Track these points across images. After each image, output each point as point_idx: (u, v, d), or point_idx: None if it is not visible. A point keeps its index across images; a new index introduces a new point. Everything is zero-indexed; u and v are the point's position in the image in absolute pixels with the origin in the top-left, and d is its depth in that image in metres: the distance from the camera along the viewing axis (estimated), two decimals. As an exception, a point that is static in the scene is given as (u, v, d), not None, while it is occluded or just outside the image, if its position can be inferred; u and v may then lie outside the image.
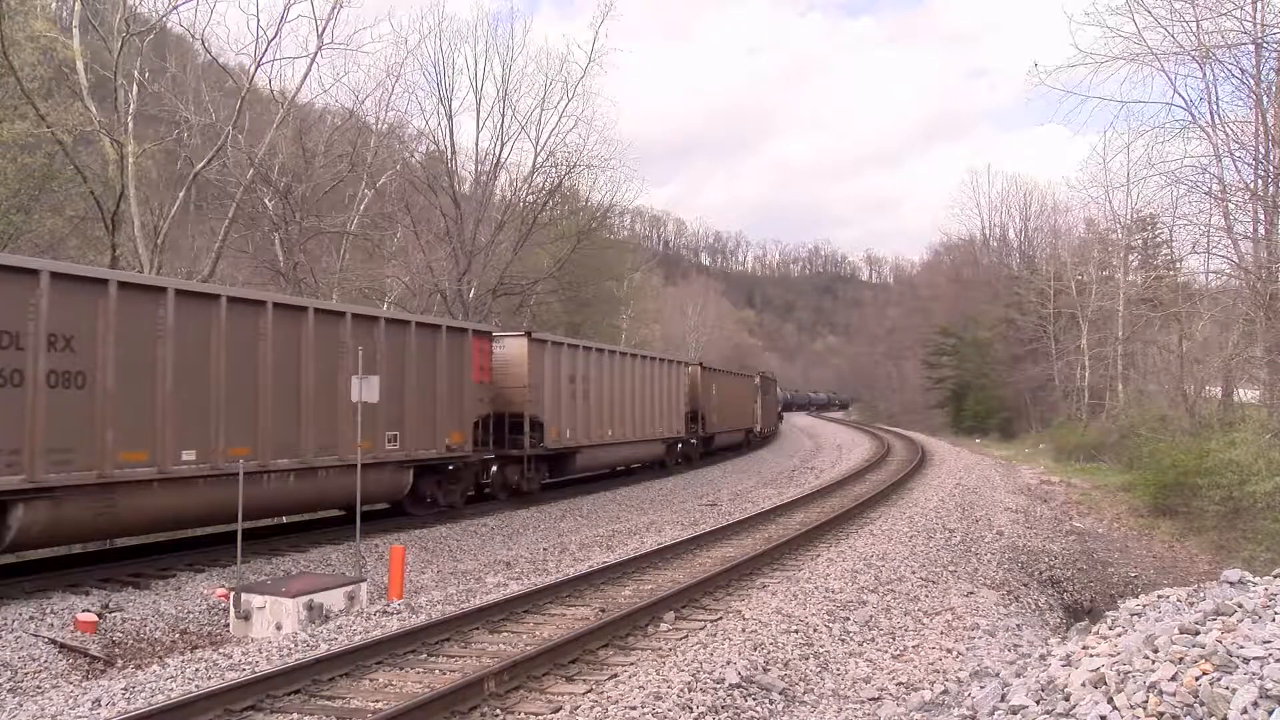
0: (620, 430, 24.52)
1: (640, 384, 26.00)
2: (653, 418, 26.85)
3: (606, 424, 23.54)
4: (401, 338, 15.87)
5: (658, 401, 27.25)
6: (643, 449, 26.71)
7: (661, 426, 27.62)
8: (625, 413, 24.80)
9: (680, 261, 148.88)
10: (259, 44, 24.21)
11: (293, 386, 13.56)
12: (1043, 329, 43.21)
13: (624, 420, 24.73)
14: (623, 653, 8.55)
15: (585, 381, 22.39)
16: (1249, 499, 16.67)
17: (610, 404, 23.85)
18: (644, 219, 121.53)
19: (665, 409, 27.95)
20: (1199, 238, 25.83)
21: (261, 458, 12.89)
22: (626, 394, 24.93)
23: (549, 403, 20.50)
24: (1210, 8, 20.36)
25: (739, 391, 39.79)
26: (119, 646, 9.53)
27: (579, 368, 22.15)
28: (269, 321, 13.16)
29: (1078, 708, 4.70)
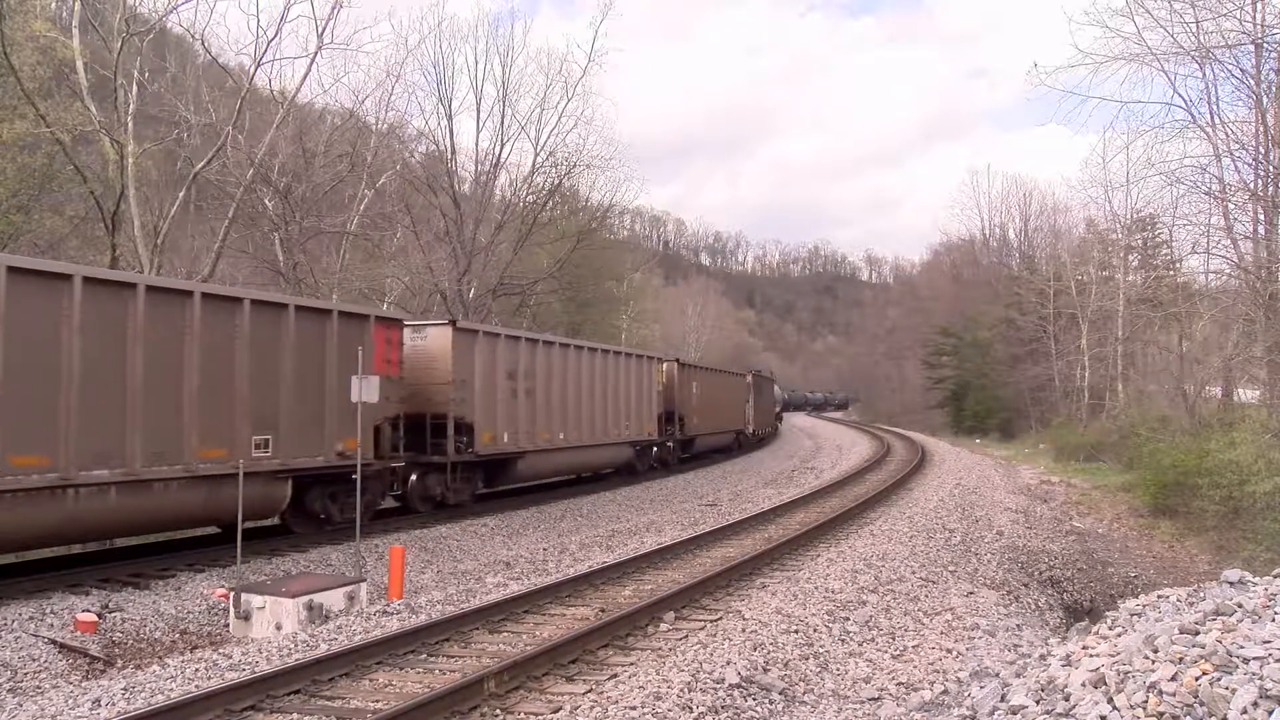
0: (575, 433, 22.04)
1: (601, 382, 23.57)
2: (617, 419, 24.37)
3: (558, 426, 21.12)
4: (276, 324, 13.46)
5: (623, 401, 24.81)
6: (605, 453, 24.33)
7: (629, 428, 25.15)
8: (581, 414, 22.35)
9: (680, 261, 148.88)
10: (259, 44, 24.24)
11: (115, 381, 11.09)
12: (1043, 329, 43.21)
13: (580, 422, 22.23)
14: (623, 653, 8.55)
15: (529, 378, 19.95)
16: (1249, 499, 16.67)
17: (562, 404, 21.40)
18: (644, 219, 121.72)
19: (633, 409, 25.44)
20: (1199, 238, 25.85)
21: (64, 468, 10.47)
22: (583, 393, 22.47)
23: (481, 402, 18.17)
24: (1210, 8, 20.36)
25: (727, 391, 37.70)
26: (119, 646, 9.53)
27: (521, 362, 19.68)
28: (75, 301, 10.62)
29: (1078, 708, 4.70)
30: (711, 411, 33.77)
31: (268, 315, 13.39)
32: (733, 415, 38.26)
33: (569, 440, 21.74)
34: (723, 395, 36.30)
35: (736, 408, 39.13)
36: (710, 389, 33.89)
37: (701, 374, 33.38)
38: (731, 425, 37.91)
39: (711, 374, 35.59)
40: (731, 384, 39.04)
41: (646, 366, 27.01)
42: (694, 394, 31.53)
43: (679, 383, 29.89)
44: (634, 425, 25.62)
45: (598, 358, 23.71)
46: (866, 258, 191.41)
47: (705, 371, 34.48)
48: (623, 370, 25.05)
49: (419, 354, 17.29)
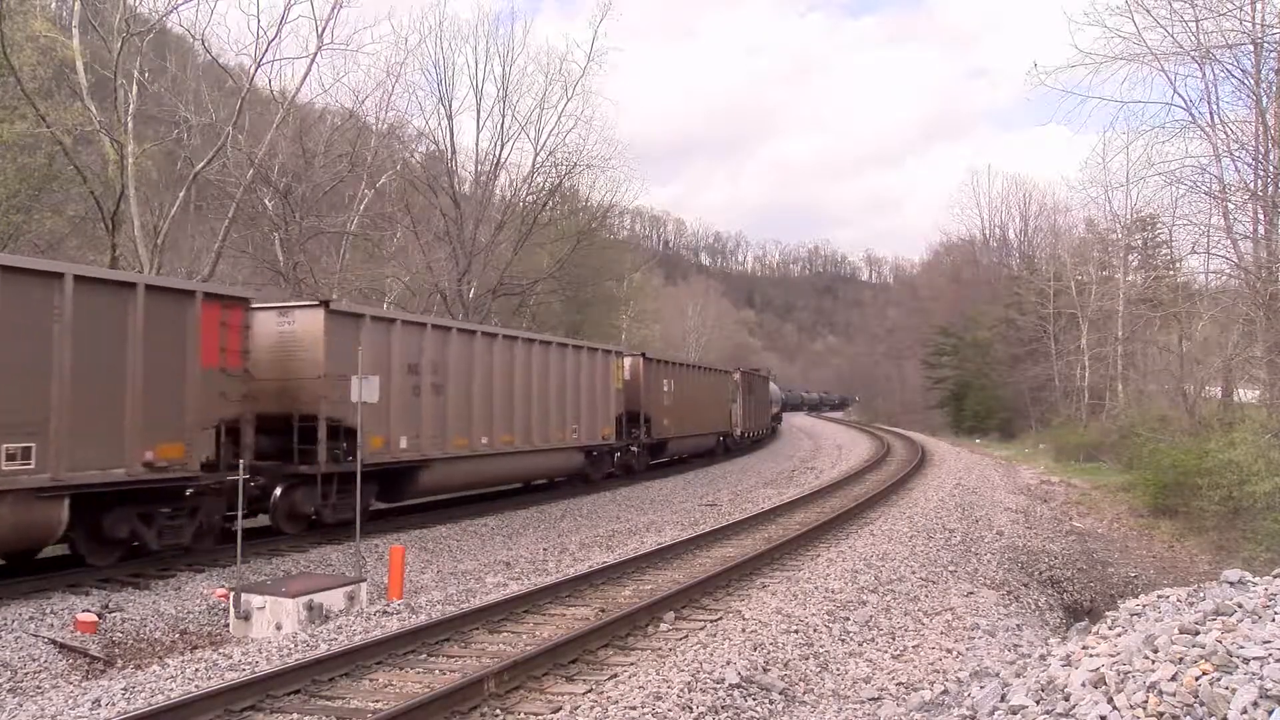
0: (507, 438, 18.94)
1: (541, 378, 20.53)
2: (562, 421, 21.31)
3: (480, 430, 17.99)
4: (45, 299, 10.44)
5: (572, 401, 21.83)
6: (547, 460, 21.27)
7: (578, 431, 22.12)
8: (515, 415, 19.25)
9: (680, 261, 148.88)
10: (259, 44, 24.26)
11: None
12: (1043, 329, 43.21)
13: (512, 425, 19.13)
14: (623, 653, 8.55)
15: (439, 373, 16.89)
16: (1249, 499, 16.67)
17: (486, 404, 18.27)
18: (644, 219, 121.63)
19: (584, 410, 22.48)
20: (1199, 238, 25.85)
21: None
22: (516, 391, 19.38)
23: None
24: (1210, 8, 20.36)
25: (709, 389, 34.68)
26: (119, 646, 9.53)
27: (428, 354, 16.66)
28: None
29: (1078, 708, 4.70)
30: (688, 412, 30.86)
31: (30, 287, 10.31)
32: (715, 416, 35.32)
33: (496, 446, 18.61)
34: (703, 394, 33.34)
35: (719, 408, 36.18)
36: (687, 387, 31.09)
37: (675, 370, 30.34)
38: (713, 427, 34.98)
39: (688, 370, 32.38)
40: (714, 382, 36.08)
41: (602, 362, 23.82)
42: (665, 393, 28.78)
43: (645, 380, 27.02)
44: (586, 428, 22.50)
45: (536, 350, 20.57)
46: (866, 258, 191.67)
47: (679, 368, 31.25)
48: (570, 365, 22.00)
49: (286, 342, 14.56)
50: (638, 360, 27.10)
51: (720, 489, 25.76)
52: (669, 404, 28.92)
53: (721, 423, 36.19)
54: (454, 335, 17.62)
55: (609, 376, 24.13)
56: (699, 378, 33.30)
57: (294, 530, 14.68)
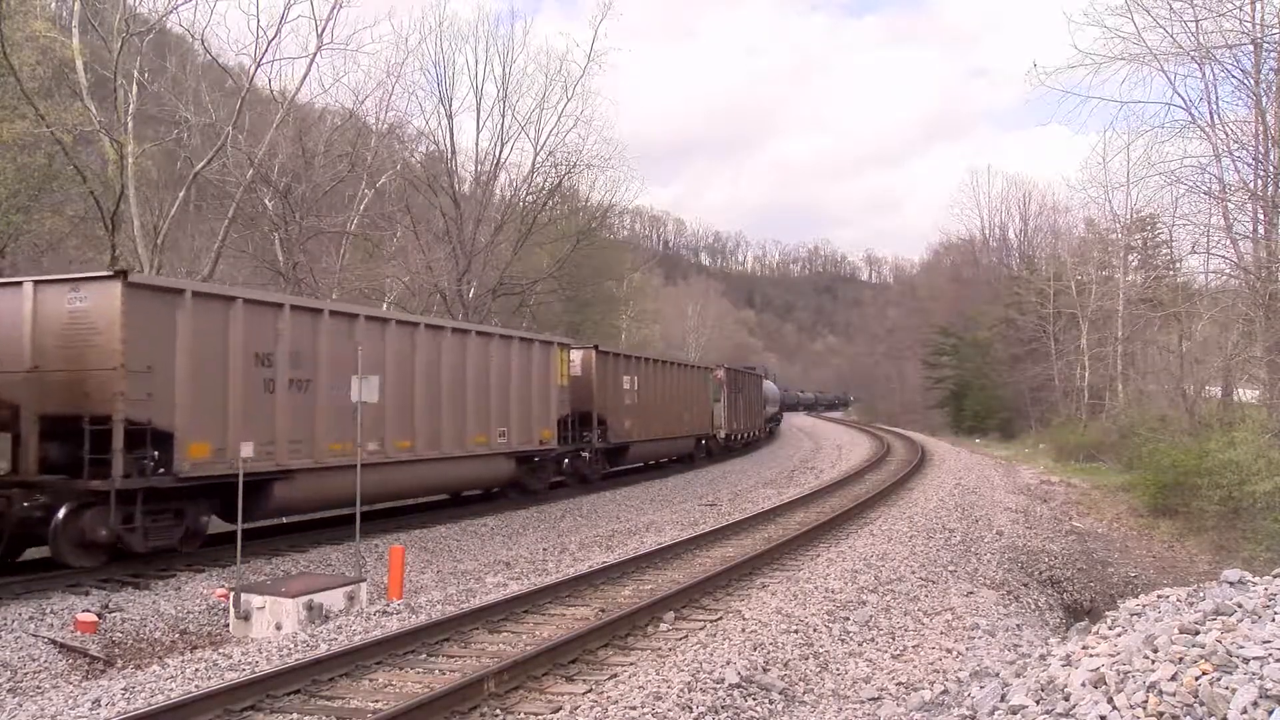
0: (401, 444, 15.90)
1: (454, 372, 17.29)
2: (485, 423, 18.12)
3: (366, 434, 14.20)
4: None
5: (498, 399, 18.61)
6: (461, 469, 17.81)
7: (509, 435, 18.89)
8: (415, 416, 16.24)
9: (680, 261, 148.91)
10: (259, 44, 24.28)
11: None
12: (1042, 329, 43.22)
13: (412, 428, 16.17)
14: (623, 653, 8.55)
15: (302, 365, 13.77)
16: (1249, 499, 16.68)
17: (376, 403, 13.91)
18: (644, 219, 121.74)
19: (516, 410, 19.16)
20: (1199, 238, 25.88)
21: None
22: (419, 388, 16.31)
23: (189, 399, 12.23)
24: (1210, 8, 20.38)
25: (685, 388, 31.49)
26: (119, 646, 9.53)
27: (285, 341, 13.53)
28: None
29: (1077, 708, 4.70)
30: (657, 412, 27.90)
31: None
32: (694, 417, 32.28)
33: (390, 454, 15.59)
34: (676, 393, 30.17)
35: (698, 409, 33.01)
36: (656, 385, 28.13)
37: (640, 366, 27.16)
38: (690, 429, 31.83)
39: (657, 367, 28.97)
40: (691, 380, 32.66)
41: (542, 355, 20.58)
42: (627, 391, 25.80)
43: (600, 376, 23.88)
44: (518, 431, 19.12)
45: (449, 340, 17.29)
46: (866, 258, 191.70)
47: (646, 364, 28.01)
48: (498, 358, 18.69)
49: (78, 324, 11.70)
50: (589, 354, 23.98)
51: (720, 489, 25.76)
52: (632, 403, 25.99)
53: (701, 424, 33.23)
54: (326, 320, 14.41)
55: (550, 372, 20.86)
56: (671, 375, 30.21)
57: (90, 563, 11.64)
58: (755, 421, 43.63)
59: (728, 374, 37.41)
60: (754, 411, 43.20)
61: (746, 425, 40.99)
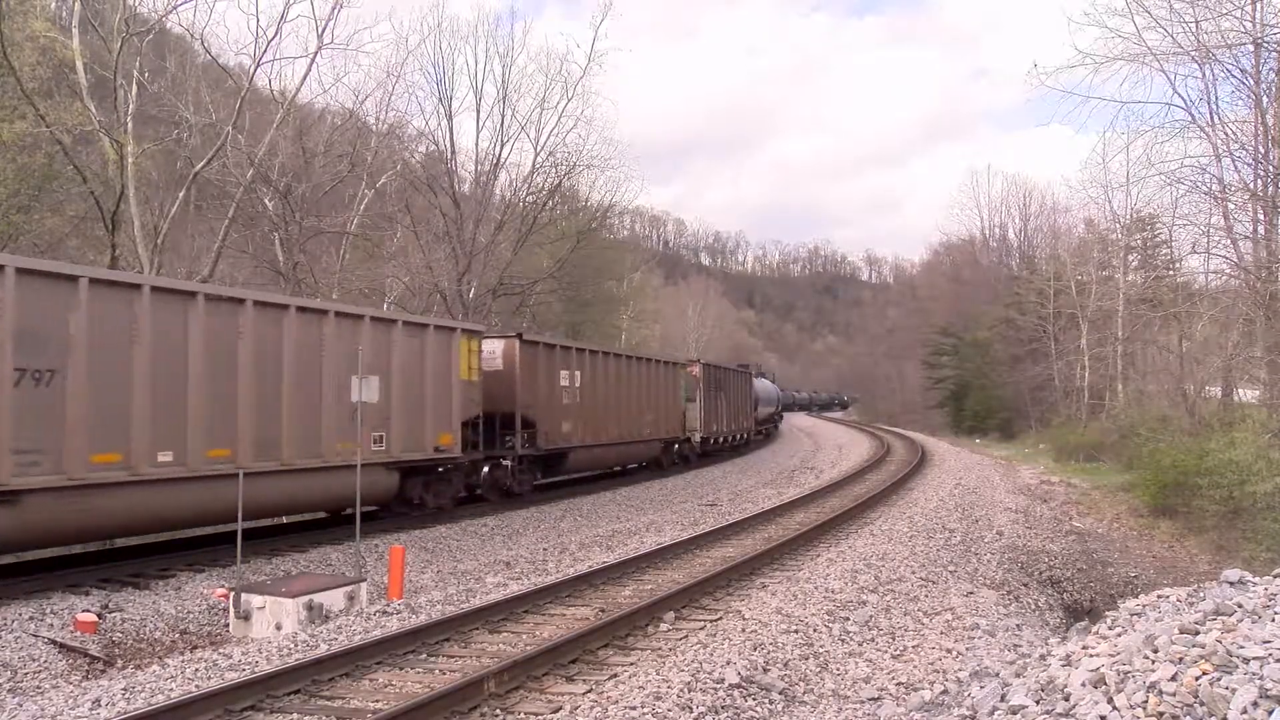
0: (213, 453, 12.44)
1: (299, 364, 13.86)
2: (339, 425, 14.33)
3: (158, 440, 11.65)
4: None
5: (383, 397, 14.94)
6: (307, 483, 14.03)
7: (386, 441, 15.53)
8: (238, 418, 12.80)
9: (680, 261, 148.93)
10: (259, 44, 24.29)
11: None
12: (1042, 329, 43.23)
13: (233, 433, 12.73)
14: (623, 653, 8.55)
15: (43, 352, 10.50)
16: (1249, 499, 16.67)
17: (175, 401, 11.87)
18: (644, 219, 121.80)
19: (398, 410, 15.76)
20: (1199, 238, 25.89)
21: None
22: (244, 382, 12.91)
23: None
24: (1210, 8, 20.40)
25: (649, 386, 27.46)
26: (119, 646, 9.53)
27: (8, 320, 10.16)
28: None
29: (1077, 708, 4.70)
30: (608, 413, 24.34)
31: None
32: (660, 418, 28.26)
33: (195, 466, 12.13)
34: (636, 391, 26.41)
35: (667, 409, 29.10)
36: (607, 381, 24.39)
37: (582, 359, 23.29)
38: (659, 432, 28.15)
39: (608, 360, 25.03)
40: (657, 376, 28.38)
41: (437, 343, 17.00)
42: (565, 388, 22.08)
43: (526, 370, 20.27)
44: (399, 435, 15.85)
45: (291, 322, 13.77)
46: (866, 258, 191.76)
47: (591, 356, 24.06)
48: (371, 345, 15.03)
49: None
50: (511, 344, 20.27)
51: (720, 489, 25.75)
52: (572, 402, 22.38)
53: (671, 427, 29.48)
54: (85, 292, 10.85)
55: (452, 364, 17.41)
56: (629, 370, 26.19)
57: None
58: (743, 423, 39.70)
59: (706, 370, 33.43)
60: (741, 412, 39.29)
61: (731, 427, 37.16)
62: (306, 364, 14.01)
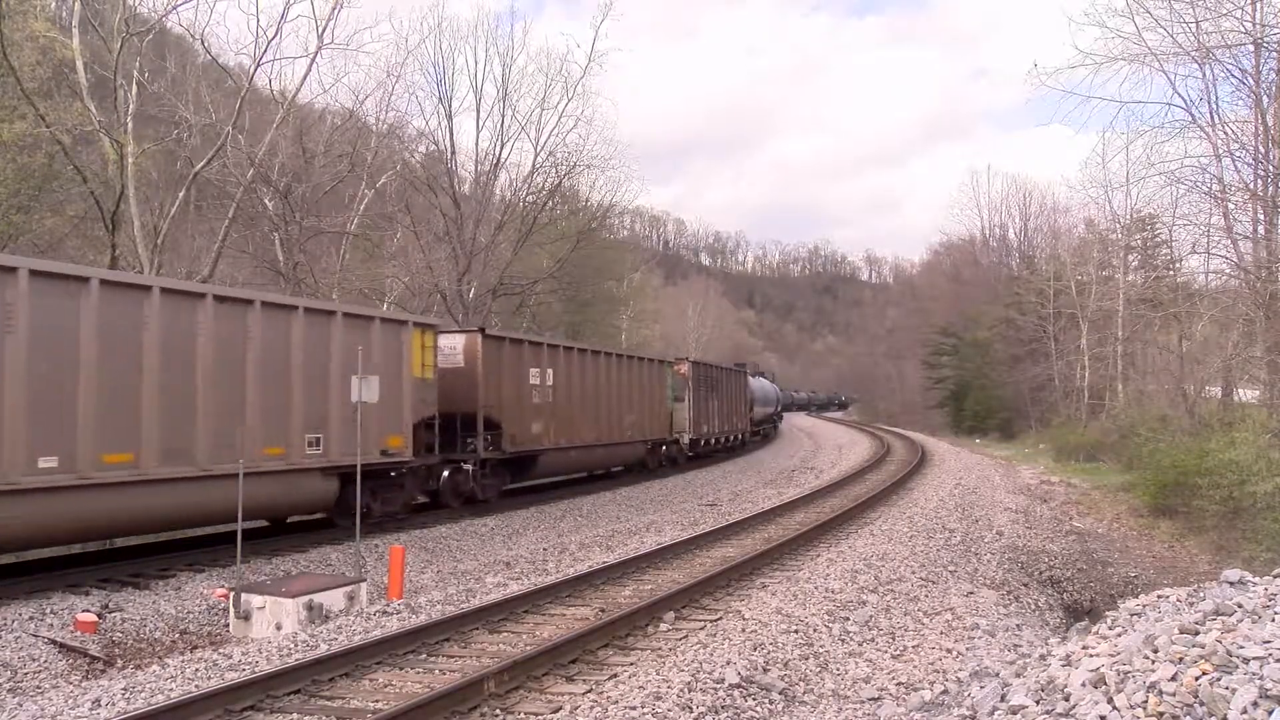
0: (112, 458, 11.10)
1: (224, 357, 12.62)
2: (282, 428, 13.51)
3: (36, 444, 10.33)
4: None
5: (303, 395, 13.83)
6: (229, 493, 11.57)
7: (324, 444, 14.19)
8: (140, 418, 11.44)
9: (680, 261, 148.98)
10: (259, 44, 24.27)
11: None
12: (1042, 329, 43.23)
13: (136, 434, 11.40)
14: (623, 653, 8.55)
15: None
16: (1249, 499, 16.66)
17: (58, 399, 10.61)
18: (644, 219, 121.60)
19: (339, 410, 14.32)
20: (1199, 238, 25.87)
21: None
22: (148, 379, 11.55)
23: None
24: (1210, 8, 20.40)
25: (632, 385, 26.26)
26: (119, 646, 9.53)
27: None
28: None
29: (1077, 708, 4.70)
30: (583, 413, 23.04)
31: None
32: (644, 419, 27.10)
33: (87, 472, 10.87)
34: (617, 390, 25.16)
35: (653, 409, 27.89)
36: (583, 380, 23.12)
37: (556, 356, 21.93)
38: (641, 434, 26.89)
39: (585, 358, 23.63)
40: (641, 375, 27.17)
41: (387, 338, 15.73)
42: (536, 386, 20.79)
43: (489, 367, 18.99)
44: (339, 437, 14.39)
45: (204, 310, 12.39)
46: (866, 258, 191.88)
47: (566, 353, 22.70)
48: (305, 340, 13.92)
49: None
50: (473, 339, 18.92)
51: (720, 489, 25.74)
52: (544, 402, 21.08)
53: (657, 428, 28.28)
54: None
55: (403, 361, 16.06)
56: (609, 369, 24.86)
57: None
58: (737, 424, 38.20)
59: (696, 369, 32.04)
60: (735, 413, 37.82)
61: (724, 428, 35.81)
62: (225, 359, 12.61)
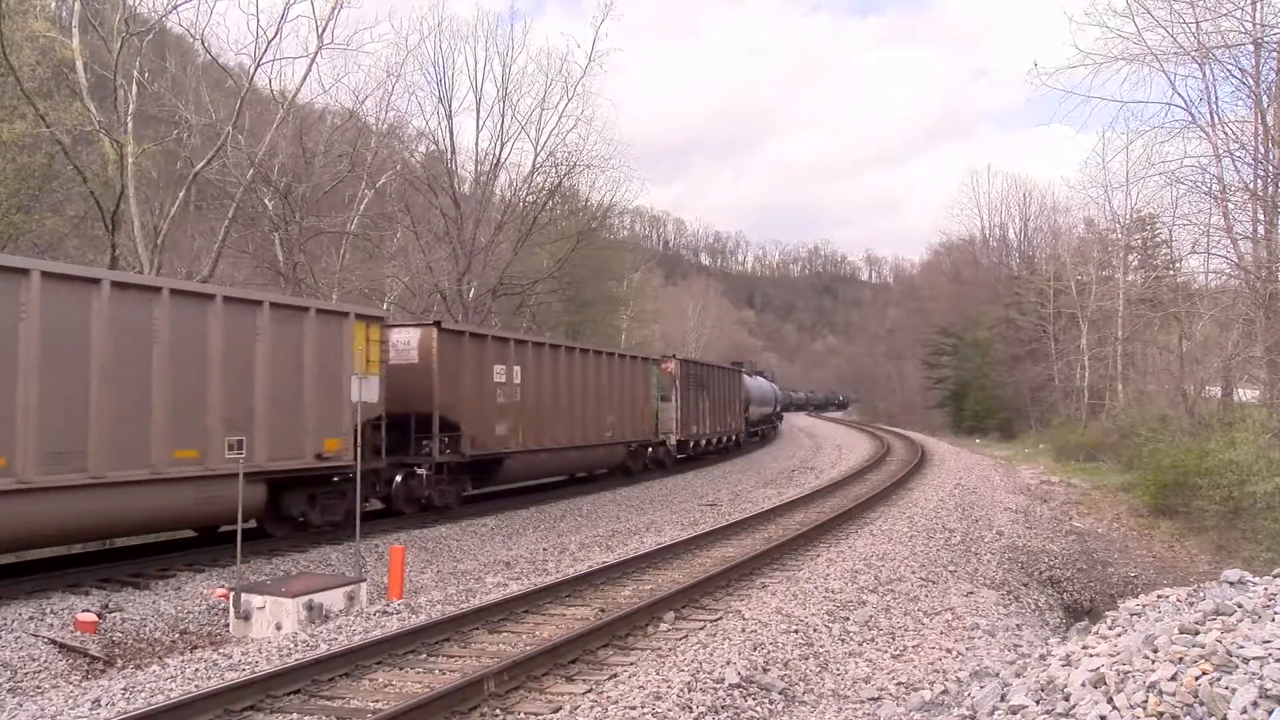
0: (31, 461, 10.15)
1: (124, 351, 11.30)
2: (195, 429, 12.12)
3: None
4: None
5: (221, 393, 12.44)
6: (132, 501, 11.32)
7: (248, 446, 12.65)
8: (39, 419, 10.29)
9: (680, 261, 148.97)
10: (259, 44, 24.27)
11: None
12: (1042, 329, 43.23)
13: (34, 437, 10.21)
14: (622, 653, 8.55)
15: None
16: (1249, 499, 16.66)
17: None
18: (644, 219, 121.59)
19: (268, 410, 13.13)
20: (1199, 238, 25.91)
21: None
22: (26, 375, 10.25)
23: None
24: (1210, 8, 20.42)
25: (612, 383, 24.59)
26: (119, 646, 9.53)
27: None
28: None
29: (1077, 708, 4.70)
30: (556, 414, 21.36)
31: None
32: (625, 420, 25.40)
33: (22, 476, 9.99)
34: (595, 389, 23.44)
35: (635, 409, 26.22)
36: (555, 378, 21.45)
37: (523, 352, 20.33)
38: (622, 435, 25.28)
39: (558, 354, 21.89)
40: (623, 372, 25.49)
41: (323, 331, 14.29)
42: (501, 385, 19.31)
43: (447, 364, 17.59)
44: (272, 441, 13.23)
45: (100, 300, 11.00)
46: (866, 258, 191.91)
47: (536, 349, 21.02)
48: (223, 333, 12.57)
49: None
50: (428, 333, 17.50)
51: (720, 489, 25.74)
52: (509, 401, 19.55)
53: (640, 429, 26.57)
54: None
55: (344, 357, 14.58)
56: (586, 366, 23.05)
57: None
58: (731, 424, 36.55)
59: (685, 367, 30.28)
60: (729, 412, 36.33)
61: (716, 429, 34.11)
62: (125, 353, 11.24)
